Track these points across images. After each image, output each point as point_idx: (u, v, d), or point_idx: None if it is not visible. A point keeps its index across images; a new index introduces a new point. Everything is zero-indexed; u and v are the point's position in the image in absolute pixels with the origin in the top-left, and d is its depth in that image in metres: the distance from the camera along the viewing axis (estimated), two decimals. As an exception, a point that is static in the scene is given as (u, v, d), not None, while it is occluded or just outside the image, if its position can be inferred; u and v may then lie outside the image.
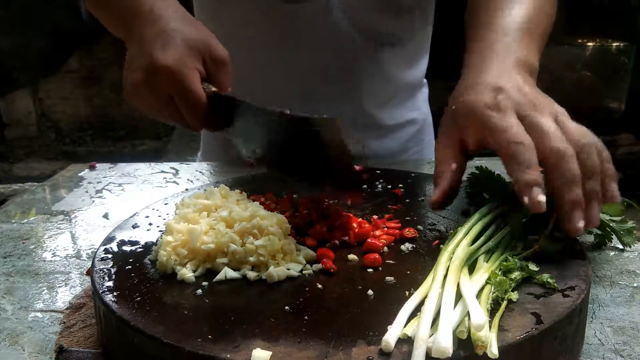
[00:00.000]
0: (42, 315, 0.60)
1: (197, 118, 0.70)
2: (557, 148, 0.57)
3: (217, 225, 0.58)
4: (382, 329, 0.45)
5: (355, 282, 0.54)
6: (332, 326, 0.46)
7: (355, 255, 0.59)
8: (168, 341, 0.44)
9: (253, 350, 0.42)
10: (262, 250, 0.55)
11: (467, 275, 0.49)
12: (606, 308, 0.58)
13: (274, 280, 0.54)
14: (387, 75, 1.03)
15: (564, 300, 0.49)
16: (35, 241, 0.77)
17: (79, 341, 0.54)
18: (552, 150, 0.57)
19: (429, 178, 0.86)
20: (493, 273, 0.50)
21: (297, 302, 0.51)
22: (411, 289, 0.52)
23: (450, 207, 0.72)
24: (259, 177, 0.85)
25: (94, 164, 1.10)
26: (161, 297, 0.52)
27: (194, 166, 1.07)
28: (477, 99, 0.62)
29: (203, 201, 0.63)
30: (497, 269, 0.51)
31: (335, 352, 0.43)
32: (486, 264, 0.52)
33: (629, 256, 0.69)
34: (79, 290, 0.64)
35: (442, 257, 0.51)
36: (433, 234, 0.65)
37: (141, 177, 1.03)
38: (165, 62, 0.67)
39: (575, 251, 0.58)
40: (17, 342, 0.55)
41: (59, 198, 0.94)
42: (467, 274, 0.49)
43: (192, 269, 0.56)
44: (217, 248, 0.56)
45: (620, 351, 0.52)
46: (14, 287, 0.65)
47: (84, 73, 4.84)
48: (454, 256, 0.51)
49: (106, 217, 0.85)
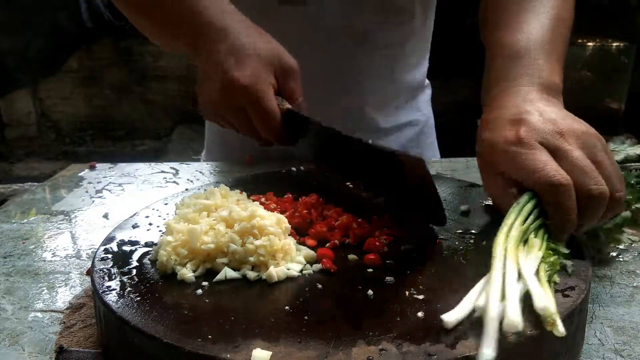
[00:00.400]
0: (42, 315, 0.60)
1: (271, 134, 0.71)
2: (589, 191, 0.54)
3: (217, 225, 0.58)
4: (382, 329, 0.45)
5: (355, 282, 0.54)
6: (332, 326, 0.46)
7: (355, 255, 0.59)
8: (168, 341, 0.44)
9: (253, 350, 0.42)
10: (262, 250, 0.55)
11: (523, 253, 0.50)
12: (606, 308, 0.58)
13: (274, 280, 0.54)
14: (386, 77, 1.03)
15: (564, 300, 0.49)
16: (35, 241, 0.77)
17: (79, 341, 0.54)
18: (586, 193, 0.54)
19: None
20: (546, 253, 0.51)
21: (297, 302, 0.51)
22: (411, 289, 0.52)
23: (450, 207, 0.72)
24: (259, 177, 0.85)
25: (94, 164, 1.10)
26: (161, 297, 0.52)
27: (194, 166, 1.08)
28: (499, 135, 0.59)
29: (203, 201, 0.63)
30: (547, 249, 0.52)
31: (335, 352, 0.43)
32: (537, 241, 0.52)
33: (629, 256, 0.69)
34: (79, 290, 0.64)
35: (500, 238, 0.51)
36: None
37: (141, 177, 1.03)
38: (241, 82, 0.68)
39: (575, 251, 0.58)
40: (17, 342, 0.55)
41: (59, 198, 0.94)
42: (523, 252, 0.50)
43: (192, 269, 0.56)
44: (217, 248, 0.56)
45: (620, 351, 0.52)
46: (14, 287, 0.65)
47: (84, 73, 4.84)
48: (509, 236, 0.51)
49: (106, 217, 0.85)
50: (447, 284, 0.53)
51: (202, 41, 0.73)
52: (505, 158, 0.58)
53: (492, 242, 0.50)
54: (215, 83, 0.71)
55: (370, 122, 1.05)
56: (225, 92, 0.70)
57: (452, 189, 0.79)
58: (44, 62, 4.59)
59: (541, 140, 0.56)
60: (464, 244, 0.61)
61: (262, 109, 0.69)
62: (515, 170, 0.57)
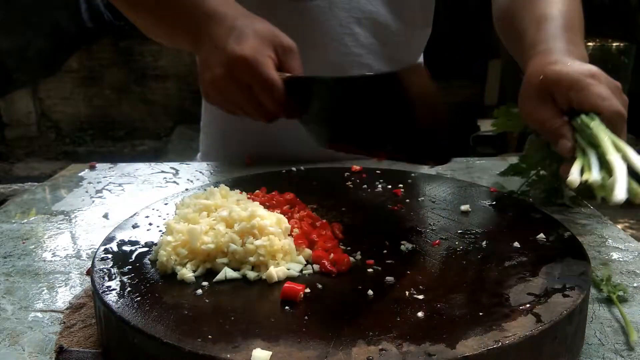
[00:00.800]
0: (42, 315, 0.59)
1: (275, 104, 0.73)
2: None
3: (217, 225, 0.58)
4: (382, 329, 0.45)
5: (355, 282, 0.54)
6: (332, 326, 0.46)
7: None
8: (168, 341, 0.44)
9: (253, 350, 0.42)
10: (262, 250, 0.55)
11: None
12: (606, 308, 0.58)
13: (274, 280, 0.54)
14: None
15: (564, 300, 0.49)
16: (35, 241, 0.77)
17: (79, 341, 0.54)
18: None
19: (429, 178, 0.86)
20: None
21: (297, 302, 0.51)
22: (411, 289, 0.52)
23: (450, 207, 0.72)
24: (259, 177, 0.85)
25: (94, 164, 1.10)
26: (161, 297, 0.52)
27: (194, 166, 1.07)
28: (575, 68, 0.69)
29: (203, 201, 0.63)
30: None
31: (335, 352, 0.43)
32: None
33: (629, 256, 0.69)
34: (79, 290, 0.64)
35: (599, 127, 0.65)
36: (433, 234, 0.65)
37: (141, 177, 1.03)
38: (242, 52, 0.71)
39: (575, 251, 0.58)
40: (17, 342, 0.55)
41: (59, 198, 0.94)
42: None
43: (192, 269, 0.56)
44: (217, 248, 0.56)
45: (620, 351, 0.52)
46: (14, 287, 0.65)
47: (84, 73, 4.84)
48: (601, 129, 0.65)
49: (106, 217, 0.85)
50: (447, 284, 0.53)
51: (204, 28, 0.76)
52: (577, 86, 0.68)
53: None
54: (217, 62, 0.74)
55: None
56: (228, 67, 0.73)
57: (452, 189, 0.79)
58: (44, 62, 4.59)
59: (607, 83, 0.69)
60: (464, 244, 0.61)
61: (264, 78, 0.71)
62: (587, 97, 0.67)
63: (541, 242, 0.61)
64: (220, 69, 0.73)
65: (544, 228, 0.63)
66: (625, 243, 0.73)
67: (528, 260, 0.57)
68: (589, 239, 0.74)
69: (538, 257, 0.57)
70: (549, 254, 0.58)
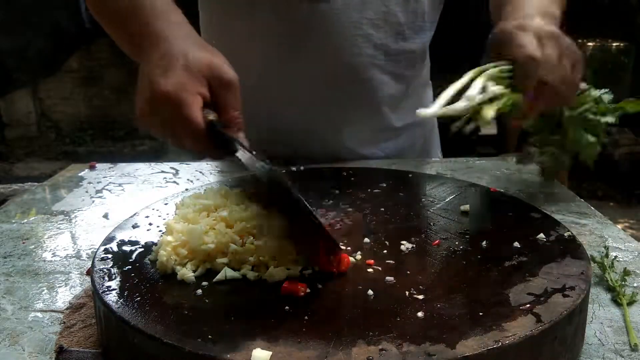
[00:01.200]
0: (42, 315, 0.59)
1: (195, 145, 0.68)
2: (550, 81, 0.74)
3: (217, 225, 0.58)
4: (382, 329, 0.45)
5: (355, 282, 0.54)
6: (332, 326, 0.46)
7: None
8: (168, 341, 0.44)
9: (253, 350, 0.42)
10: (262, 250, 0.55)
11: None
12: (606, 308, 0.58)
13: (274, 280, 0.54)
14: (400, 76, 1.04)
15: (564, 300, 0.49)
16: (35, 241, 0.77)
17: (79, 341, 0.54)
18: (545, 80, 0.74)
19: (429, 178, 0.86)
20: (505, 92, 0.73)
21: (297, 302, 0.51)
22: (411, 289, 0.52)
23: (450, 207, 0.72)
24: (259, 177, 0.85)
25: (94, 164, 1.10)
26: (161, 297, 0.52)
27: (194, 166, 1.07)
28: (509, 23, 0.78)
29: (203, 201, 0.63)
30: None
31: (335, 352, 0.43)
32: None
33: (629, 256, 0.69)
34: (79, 290, 0.64)
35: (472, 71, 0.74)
36: (433, 234, 0.65)
37: (141, 177, 1.03)
38: (165, 88, 0.66)
39: (575, 251, 0.58)
40: (17, 342, 0.55)
41: (59, 198, 0.94)
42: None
43: (192, 269, 0.56)
44: (217, 248, 0.56)
45: (620, 351, 0.52)
46: (14, 287, 0.65)
47: (84, 73, 4.84)
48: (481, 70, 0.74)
49: (106, 217, 0.85)
50: (447, 284, 0.53)
51: (145, 50, 0.72)
52: (508, 38, 0.76)
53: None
54: (142, 92, 0.69)
55: (385, 122, 1.07)
56: (150, 101, 0.68)
57: (452, 189, 0.79)
58: (44, 62, 4.59)
59: (536, 31, 0.75)
60: (464, 244, 0.61)
61: (183, 117, 0.66)
62: (510, 48, 0.75)
63: (541, 242, 0.61)
64: (143, 102, 0.69)
65: (544, 228, 0.63)
66: (625, 243, 0.73)
67: (528, 260, 0.57)
68: (589, 239, 0.74)
69: (538, 257, 0.57)
70: (549, 254, 0.58)
